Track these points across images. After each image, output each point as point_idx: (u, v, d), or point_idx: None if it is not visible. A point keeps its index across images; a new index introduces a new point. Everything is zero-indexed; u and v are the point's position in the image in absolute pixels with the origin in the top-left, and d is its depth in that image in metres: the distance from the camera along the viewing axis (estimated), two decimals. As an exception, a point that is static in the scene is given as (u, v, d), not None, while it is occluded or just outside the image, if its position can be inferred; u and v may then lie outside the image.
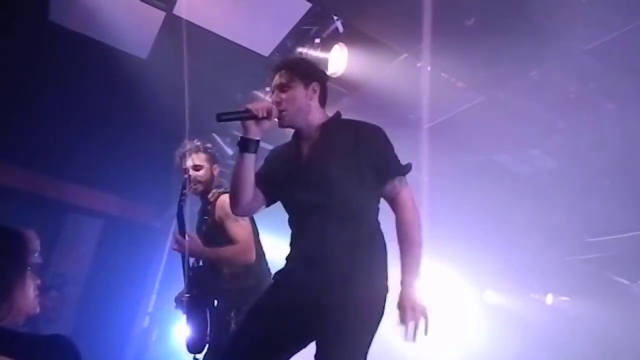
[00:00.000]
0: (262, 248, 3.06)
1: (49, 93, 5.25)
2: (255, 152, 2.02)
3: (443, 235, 5.66)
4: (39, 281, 1.62)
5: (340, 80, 4.01)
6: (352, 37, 3.79)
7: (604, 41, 3.36)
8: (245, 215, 2.22)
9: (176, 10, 4.02)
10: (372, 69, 4.01)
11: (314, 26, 3.91)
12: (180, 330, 5.78)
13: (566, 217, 5.46)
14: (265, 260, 3.05)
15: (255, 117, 1.96)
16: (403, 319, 1.85)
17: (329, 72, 3.78)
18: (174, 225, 6.81)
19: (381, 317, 1.92)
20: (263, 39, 4.18)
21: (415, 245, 1.96)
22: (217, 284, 2.99)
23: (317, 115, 2.12)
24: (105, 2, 4.00)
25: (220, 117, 1.96)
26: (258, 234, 3.06)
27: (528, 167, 5.09)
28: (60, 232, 6.62)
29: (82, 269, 6.67)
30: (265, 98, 2.09)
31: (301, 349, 1.98)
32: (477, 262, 6.86)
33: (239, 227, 2.92)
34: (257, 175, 2.09)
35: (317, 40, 3.83)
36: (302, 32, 3.97)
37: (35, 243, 2.48)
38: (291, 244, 2.09)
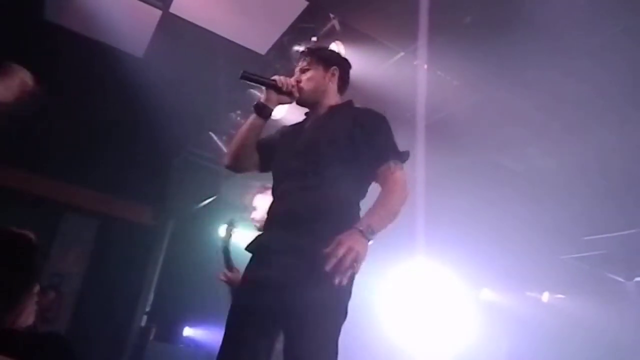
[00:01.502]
0: None
1: (44, 92, 5.24)
2: (266, 118, 2.15)
3: (439, 234, 5.67)
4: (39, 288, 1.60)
5: (336, 79, 4.01)
6: (349, 35, 3.80)
7: (600, 41, 3.38)
8: (236, 172, 2.28)
9: (172, 9, 4.01)
10: (369, 67, 4.01)
11: (310, 24, 3.91)
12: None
13: (562, 216, 5.49)
14: None
15: (278, 89, 2.09)
16: (334, 250, 1.68)
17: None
18: (170, 226, 6.81)
19: (345, 298, 1.86)
20: (260, 37, 4.18)
21: (390, 209, 1.88)
22: None
23: (332, 99, 2.20)
24: (101, 1, 3.99)
25: (244, 75, 2.09)
26: None
27: (524, 166, 5.10)
28: (57, 232, 6.58)
29: (79, 269, 6.65)
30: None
31: (278, 328, 1.92)
32: (473, 261, 6.87)
33: None
34: (261, 139, 2.19)
35: (314, 39, 3.83)
36: (299, 30, 3.97)
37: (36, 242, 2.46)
38: (267, 212, 2.10)
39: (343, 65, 2.27)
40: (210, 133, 5.53)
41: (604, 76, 3.68)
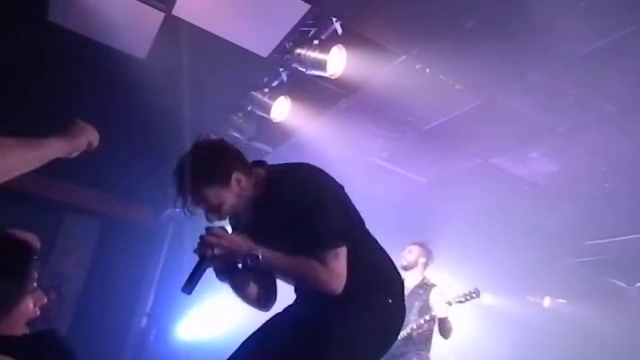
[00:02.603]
0: None
1: (47, 93, 5.25)
2: (238, 274, 1.99)
3: (440, 238, 5.66)
4: (39, 292, 1.58)
5: (338, 82, 4.01)
6: (351, 38, 3.79)
7: (602, 44, 3.37)
8: (268, 309, 2.10)
9: (175, 11, 4.01)
10: (371, 71, 4.01)
11: (312, 27, 3.91)
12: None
13: (564, 220, 5.47)
14: None
15: (218, 256, 1.86)
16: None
17: (327, 74, 3.77)
18: (171, 227, 6.82)
19: None
20: (262, 40, 4.18)
21: (299, 272, 1.81)
22: None
23: (254, 193, 1.96)
24: (104, 3, 3.99)
25: (185, 290, 1.90)
26: None
27: (526, 170, 5.10)
28: (58, 232, 6.61)
29: (80, 269, 6.67)
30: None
31: None
32: (474, 265, 6.85)
33: None
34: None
35: (316, 42, 3.82)
36: (300, 34, 3.96)
37: (36, 247, 2.46)
38: None
39: (233, 162, 1.96)
40: (211, 135, 5.52)
41: (607, 79, 3.68)
